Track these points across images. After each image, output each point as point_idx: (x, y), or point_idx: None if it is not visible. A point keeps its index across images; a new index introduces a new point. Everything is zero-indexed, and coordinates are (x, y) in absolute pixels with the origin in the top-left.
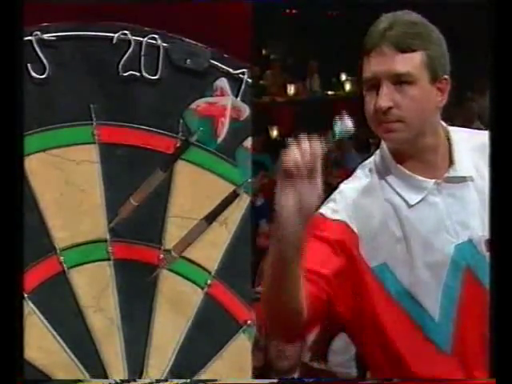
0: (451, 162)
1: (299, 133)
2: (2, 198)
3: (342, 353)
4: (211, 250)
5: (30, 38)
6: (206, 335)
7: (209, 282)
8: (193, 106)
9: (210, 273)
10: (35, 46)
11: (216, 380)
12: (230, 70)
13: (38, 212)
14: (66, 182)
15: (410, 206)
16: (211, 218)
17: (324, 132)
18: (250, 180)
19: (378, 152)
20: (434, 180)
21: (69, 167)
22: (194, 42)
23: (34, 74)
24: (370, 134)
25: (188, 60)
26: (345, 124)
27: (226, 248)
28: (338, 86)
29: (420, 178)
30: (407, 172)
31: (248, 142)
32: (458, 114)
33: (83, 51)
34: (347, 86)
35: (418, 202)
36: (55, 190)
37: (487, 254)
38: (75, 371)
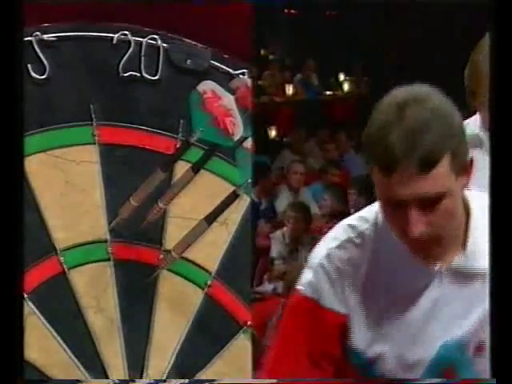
0: (464, 247)
1: (298, 133)
2: (2, 199)
3: None
4: (211, 250)
5: (30, 38)
6: (206, 335)
7: (209, 282)
8: (199, 89)
9: (210, 273)
10: (35, 46)
11: (216, 380)
12: (230, 70)
13: (39, 212)
14: (66, 183)
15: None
16: (211, 218)
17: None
18: (249, 180)
19: (371, 217)
20: (438, 266)
21: (69, 168)
22: (194, 43)
23: (34, 75)
24: None
25: (188, 60)
26: None
27: (226, 248)
28: (336, 86)
29: (424, 266)
30: (413, 259)
31: (248, 143)
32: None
33: (83, 52)
34: (345, 86)
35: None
36: (55, 191)
37: (475, 360)
38: (75, 371)
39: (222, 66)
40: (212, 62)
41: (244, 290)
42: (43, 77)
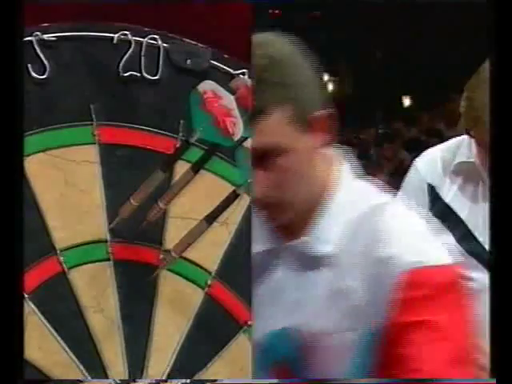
0: (312, 228)
1: None
2: (2, 199)
3: None
4: (211, 250)
5: (30, 38)
6: (206, 335)
7: (209, 282)
8: (199, 88)
9: (210, 273)
10: (35, 46)
11: (216, 380)
12: (230, 70)
13: (38, 212)
14: (66, 183)
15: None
16: (211, 218)
17: None
18: (250, 180)
19: None
20: (285, 242)
21: (69, 168)
22: (194, 43)
23: (34, 75)
24: (352, 133)
25: (188, 60)
26: None
27: (226, 248)
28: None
29: (273, 238)
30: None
31: (248, 143)
32: (441, 115)
33: (83, 51)
34: (330, 87)
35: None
36: (55, 191)
37: (309, 360)
38: (75, 371)
39: (222, 66)
40: (212, 61)
41: (244, 290)
42: (43, 77)
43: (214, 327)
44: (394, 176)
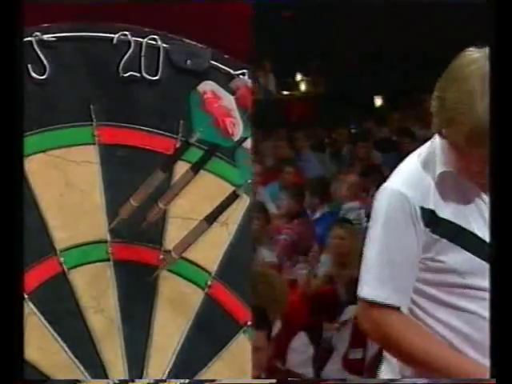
0: None
1: (254, 133)
2: (2, 199)
3: (300, 352)
4: (211, 250)
5: (30, 38)
6: (206, 336)
7: (209, 282)
8: (199, 89)
9: (210, 273)
10: (35, 46)
11: (216, 380)
12: (230, 71)
13: (38, 213)
14: (66, 183)
15: None
16: (211, 218)
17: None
18: (249, 180)
19: None
20: None
21: (69, 168)
22: (194, 43)
23: (34, 75)
24: (324, 133)
25: (188, 61)
26: None
27: (226, 248)
28: (293, 86)
29: None
30: None
31: (248, 143)
32: (414, 115)
33: (83, 52)
34: (302, 86)
35: None
36: (55, 191)
37: None
38: (75, 371)
39: (222, 66)
40: (212, 62)
41: (244, 291)
42: (43, 77)
43: (214, 327)
44: (364, 176)
